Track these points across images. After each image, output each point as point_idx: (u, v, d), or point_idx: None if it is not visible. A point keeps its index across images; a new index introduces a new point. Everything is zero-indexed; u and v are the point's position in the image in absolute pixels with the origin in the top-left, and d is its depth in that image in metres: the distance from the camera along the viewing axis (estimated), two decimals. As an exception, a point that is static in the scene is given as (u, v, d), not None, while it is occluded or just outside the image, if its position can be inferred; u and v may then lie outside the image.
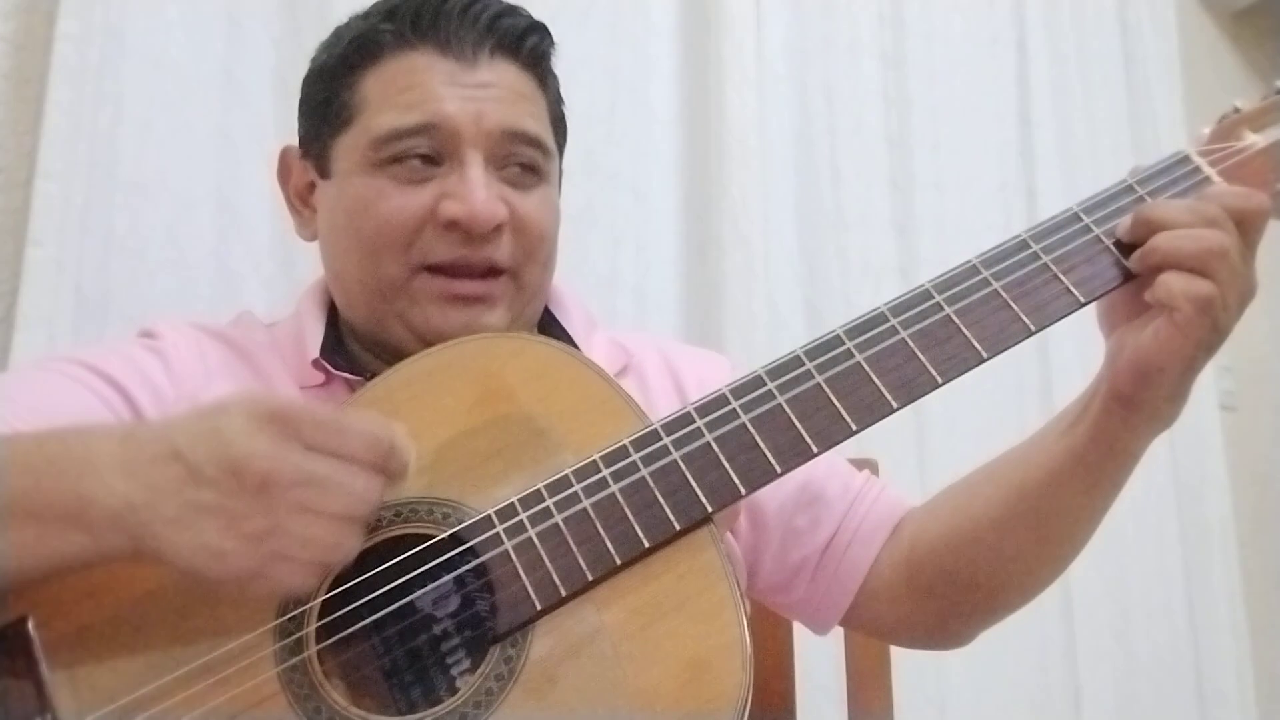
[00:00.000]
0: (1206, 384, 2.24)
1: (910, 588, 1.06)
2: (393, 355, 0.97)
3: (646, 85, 1.88)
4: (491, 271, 1.02)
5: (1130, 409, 0.91)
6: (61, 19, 1.43)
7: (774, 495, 1.08)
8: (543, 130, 1.06)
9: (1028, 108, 2.17)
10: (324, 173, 1.06)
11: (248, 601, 0.79)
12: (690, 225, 1.86)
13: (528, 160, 1.05)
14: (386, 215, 1.00)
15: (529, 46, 1.07)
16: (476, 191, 0.99)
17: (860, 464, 1.20)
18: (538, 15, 1.09)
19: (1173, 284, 0.86)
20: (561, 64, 1.77)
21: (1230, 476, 2.26)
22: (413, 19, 1.03)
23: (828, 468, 1.10)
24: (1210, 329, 0.86)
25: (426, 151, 1.01)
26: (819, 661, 1.57)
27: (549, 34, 1.10)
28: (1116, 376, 0.90)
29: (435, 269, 1.01)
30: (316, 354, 1.04)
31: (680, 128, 1.89)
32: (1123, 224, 0.91)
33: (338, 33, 1.09)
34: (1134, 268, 0.89)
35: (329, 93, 1.06)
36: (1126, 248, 0.90)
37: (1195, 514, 2.19)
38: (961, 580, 1.03)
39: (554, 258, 1.09)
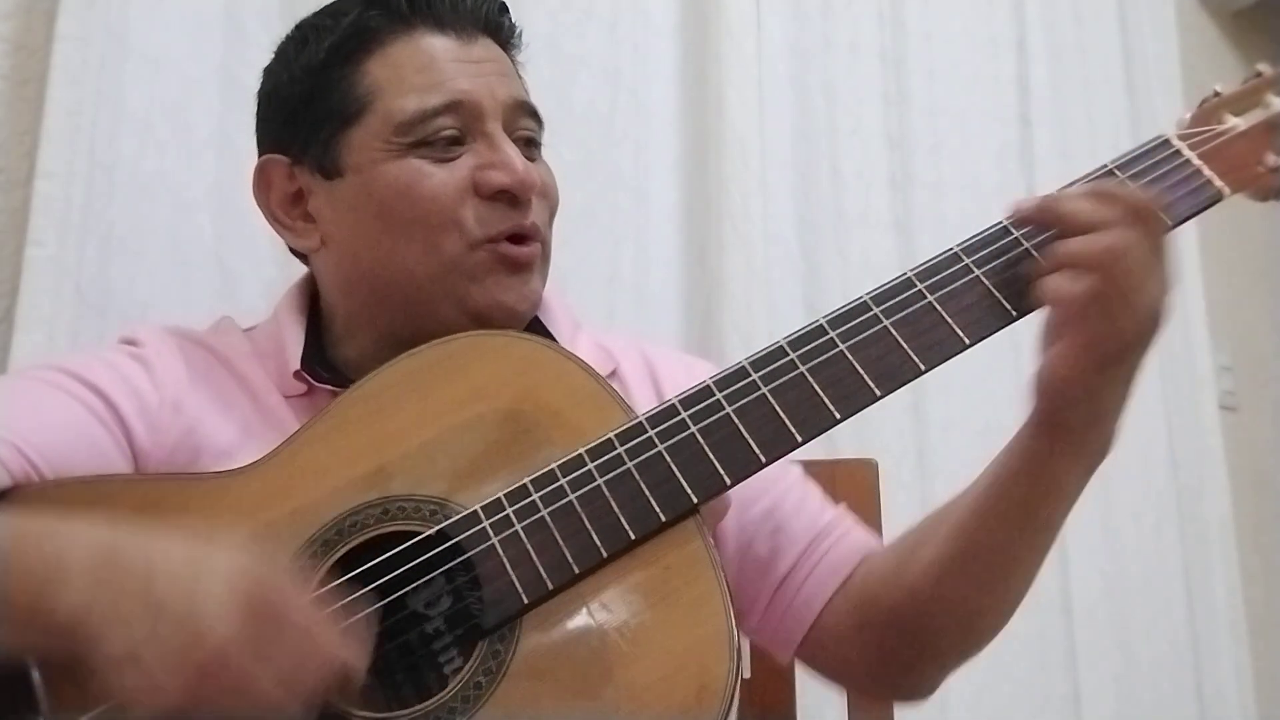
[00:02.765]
0: (1206, 384, 2.23)
1: (857, 632, 1.02)
2: (407, 349, 0.94)
3: (647, 85, 1.88)
4: (533, 237, 1.03)
5: (1054, 434, 0.89)
6: (61, 19, 1.43)
7: (735, 517, 1.06)
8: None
9: (1028, 108, 2.16)
10: (331, 173, 1.04)
11: None
12: (690, 225, 1.85)
13: (532, 132, 1.07)
14: (433, 193, 1.00)
15: (506, 26, 1.10)
16: (515, 159, 1.01)
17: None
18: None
19: (1049, 283, 0.85)
20: (561, 64, 1.80)
21: (1230, 476, 2.24)
22: (407, 1, 1.04)
23: (799, 501, 1.08)
24: (1102, 332, 0.84)
25: (453, 130, 1.02)
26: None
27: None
28: (1035, 399, 0.89)
29: (492, 240, 1.01)
30: (298, 365, 1.03)
31: (680, 128, 1.89)
32: (1024, 204, 0.91)
33: (303, 32, 1.08)
34: None
35: (325, 89, 1.04)
36: None
37: (1195, 514, 2.18)
38: (904, 627, 0.99)
39: None
